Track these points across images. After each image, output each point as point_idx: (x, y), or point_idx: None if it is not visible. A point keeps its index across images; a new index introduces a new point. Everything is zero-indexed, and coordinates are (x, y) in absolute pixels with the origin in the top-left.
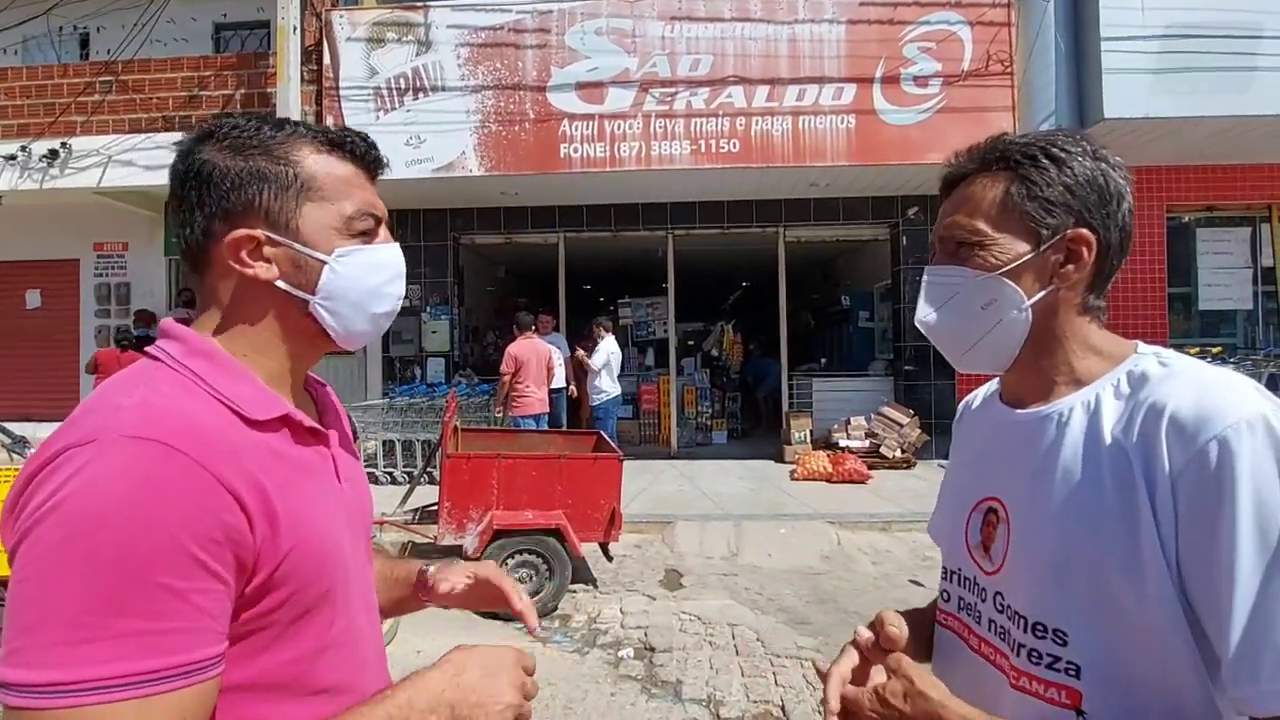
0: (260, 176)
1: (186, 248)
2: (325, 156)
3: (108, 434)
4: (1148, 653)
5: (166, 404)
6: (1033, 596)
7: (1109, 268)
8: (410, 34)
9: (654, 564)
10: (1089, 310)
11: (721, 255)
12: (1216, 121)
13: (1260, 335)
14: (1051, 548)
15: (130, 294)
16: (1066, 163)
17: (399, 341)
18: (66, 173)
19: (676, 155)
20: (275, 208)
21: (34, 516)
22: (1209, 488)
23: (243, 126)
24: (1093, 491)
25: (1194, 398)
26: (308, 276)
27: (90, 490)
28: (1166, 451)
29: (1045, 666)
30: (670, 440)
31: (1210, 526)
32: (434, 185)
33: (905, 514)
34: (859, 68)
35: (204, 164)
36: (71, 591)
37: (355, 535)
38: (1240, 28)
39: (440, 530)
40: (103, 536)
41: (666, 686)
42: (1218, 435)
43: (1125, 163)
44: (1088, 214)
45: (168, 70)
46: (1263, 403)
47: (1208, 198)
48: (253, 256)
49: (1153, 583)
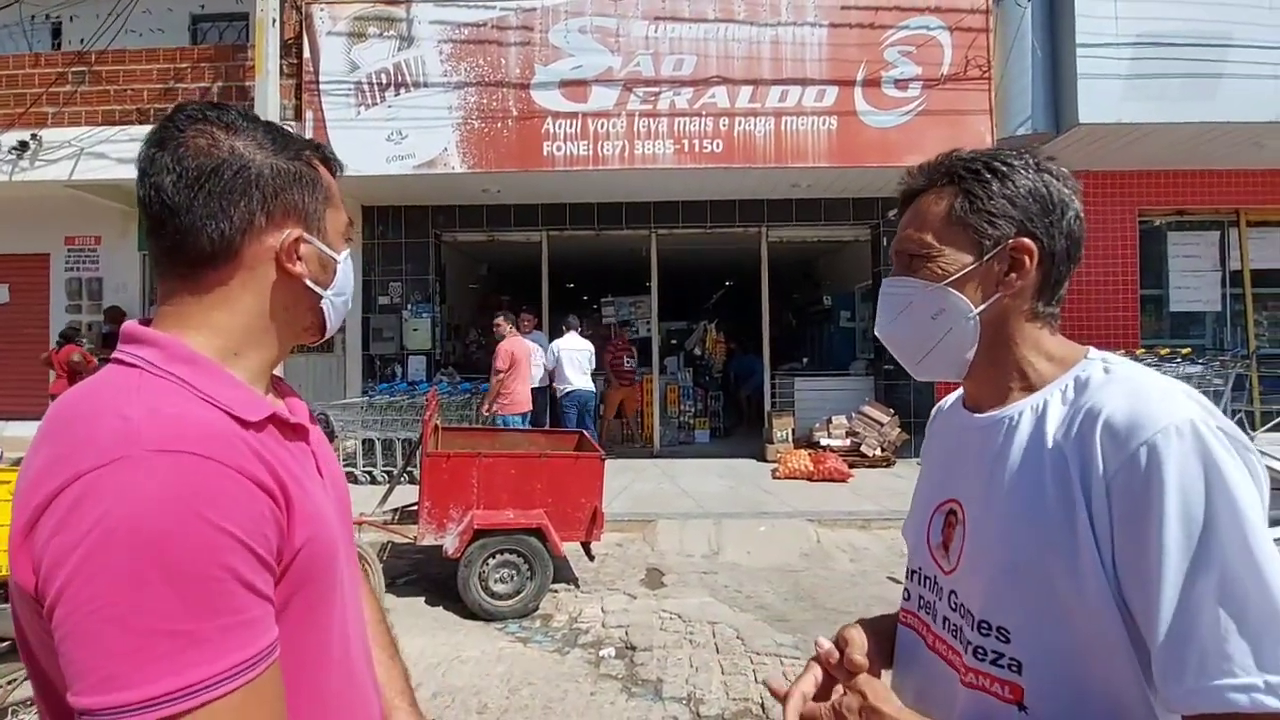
0: (302, 180)
1: (207, 240)
2: (324, 169)
3: (133, 450)
4: (1086, 651)
5: (177, 413)
6: (980, 595)
7: (1056, 275)
8: (392, 29)
9: (635, 563)
10: (1039, 317)
11: (704, 255)
12: (1186, 127)
13: (1228, 336)
14: (998, 548)
15: (102, 289)
16: (1009, 176)
17: (379, 339)
18: (37, 165)
19: (660, 154)
20: (312, 210)
21: (83, 545)
22: (1138, 491)
23: (278, 128)
24: (1036, 494)
25: (1127, 404)
26: (328, 275)
27: (142, 508)
28: (1101, 456)
29: (990, 663)
30: (653, 439)
31: (1140, 529)
32: (416, 181)
33: (884, 512)
34: (840, 70)
35: (249, 159)
36: (159, 607)
37: (344, 532)
38: (1209, 37)
39: (420, 530)
40: (172, 549)
41: (647, 685)
42: (1147, 440)
43: (1099, 167)
44: (1030, 224)
45: (143, 61)
46: (1192, 408)
47: (1178, 202)
48: (293, 255)
49: (1090, 583)
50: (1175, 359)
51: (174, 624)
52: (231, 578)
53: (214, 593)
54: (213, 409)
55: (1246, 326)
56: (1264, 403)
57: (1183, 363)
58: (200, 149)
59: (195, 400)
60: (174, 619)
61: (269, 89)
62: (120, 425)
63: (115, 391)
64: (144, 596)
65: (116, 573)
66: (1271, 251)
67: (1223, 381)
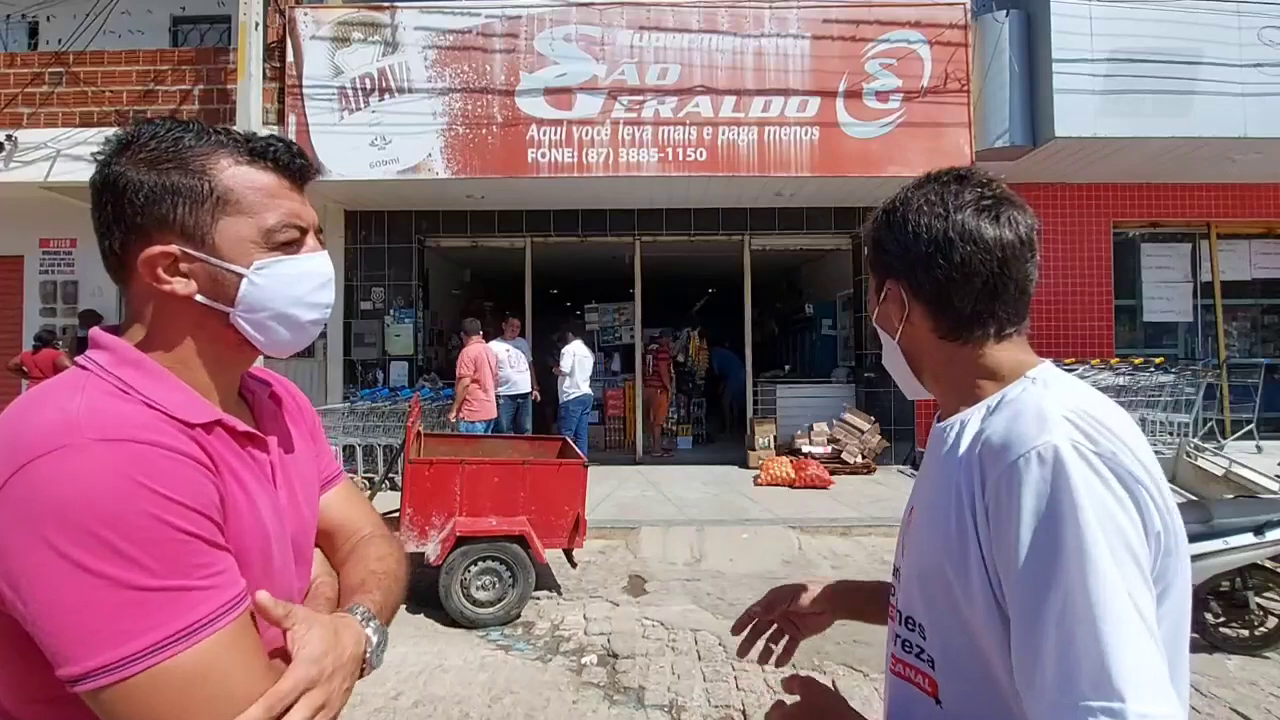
0: (174, 191)
1: (108, 261)
2: (245, 168)
3: (74, 439)
4: (978, 654)
5: (109, 407)
6: (908, 594)
7: (948, 306)
8: (376, 34)
9: (618, 570)
10: (961, 338)
11: (688, 262)
12: (1159, 142)
13: (1200, 346)
14: (916, 550)
15: (78, 292)
16: (890, 221)
17: (361, 344)
18: (12, 166)
19: (644, 162)
20: (190, 222)
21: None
22: (1004, 512)
23: (160, 136)
24: (942, 502)
25: (1005, 426)
26: (226, 290)
27: (92, 486)
28: (981, 473)
29: (914, 656)
30: (636, 446)
31: (1002, 549)
32: (399, 187)
33: (865, 519)
34: (822, 81)
35: (119, 177)
36: (137, 569)
37: (287, 542)
38: (1181, 54)
39: (402, 537)
40: (130, 518)
41: (629, 693)
42: (1011, 463)
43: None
44: (900, 265)
45: (122, 63)
46: (1064, 433)
47: (1152, 214)
48: (169, 272)
49: (977, 590)
50: (1149, 368)
51: (156, 581)
52: (193, 538)
53: (182, 552)
54: (149, 409)
55: (1217, 336)
56: (1233, 411)
57: (1156, 372)
58: (98, 170)
59: (132, 400)
60: (155, 577)
61: (251, 92)
62: (59, 417)
63: (60, 391)
64: (121, 562)
65: (86, 548)
66: (1240, 263)
67: (1194, 390)
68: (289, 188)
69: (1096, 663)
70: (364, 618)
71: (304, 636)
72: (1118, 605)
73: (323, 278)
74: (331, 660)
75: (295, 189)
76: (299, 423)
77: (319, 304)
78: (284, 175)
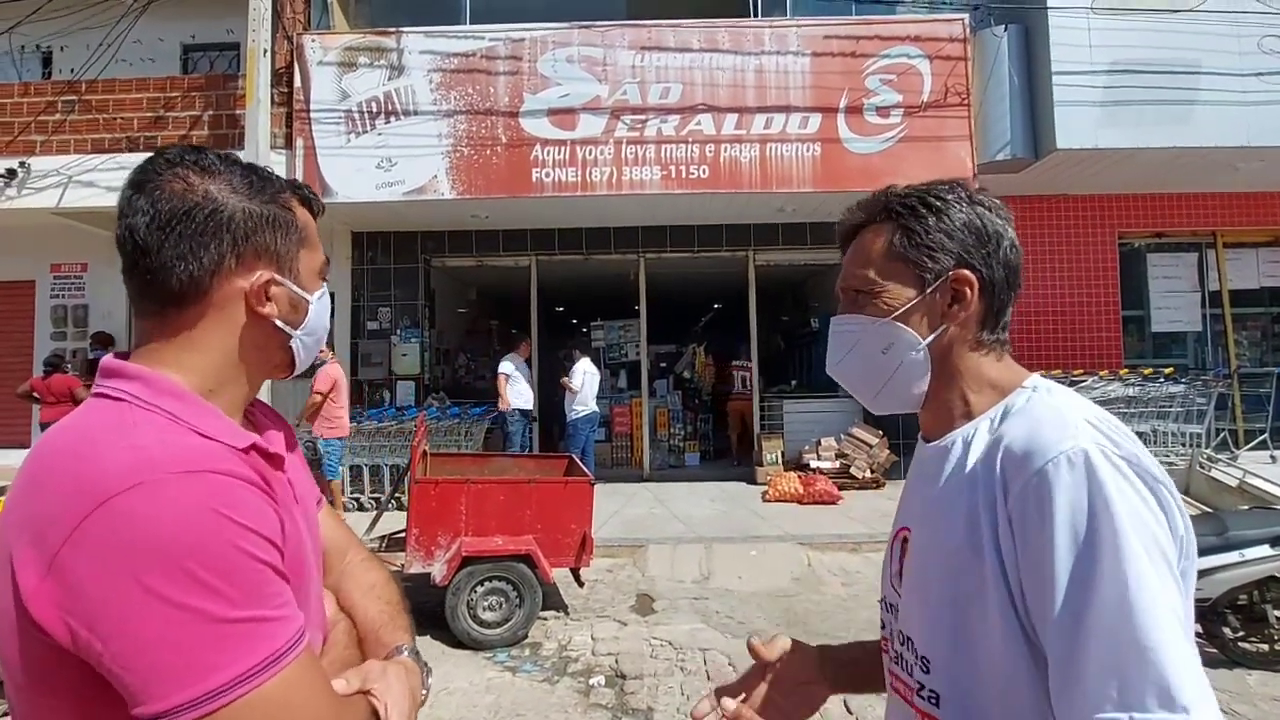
0: (275, 223)
1: (177, 280)
2: (303, 209)
3: (154, 474)
4: (996, 685)
5: (183, 441)
6: (911, 623)
7: (998, 303)
8: (382, 58)
9: (625, 588)
10: (984, 345)
11: (692, 278)
12: (1161, 152)
13: (1210, 356)
14: (921, 576)
15: (88, 316)
16: (944, 210)
17: (368, 364)
18: (24, 193)
19: (647, 180)
20: (284, 252)
21: (114, 564)
22: (1033, 520)
23: (256, 170)
24: (953, 523)
25: (1026, 433)
26: (297, 315)
27: (178, 520)
28: (1002, 486)
29: (916, 694)
30: (643, 462)
31: (1035, 559)
32: (405, 208)
33: (875, 534)
34: (823, 98)
35: (222, 203)
36: (220, 601)
37: (317, 561)
38: (1180, 64)
39: (408, 558)
40: (215, 550)
41: (638, 714)
42: (1039, 469)
43: (1078, 191)
44: (968, 255)
45: (133, 90)
46: (1090, 437)
47: (1157, 224)
48: (262, 297)
49: (996, 614)
50: (1158, 378)
51: (239, 612)
52: (266, 567)
53: (259, 582)
54: (208, 440)
55: (1227, 346)
56: (1246, 421)
57: (1166, 382)
58: (175, 192)
59: (190, 432)
60: (237, 608)
61: (260, 118)
62: (132, 454)
63: (112, 426)
64: (207, 595)
65: (174, 581)
66: (1248, 272)
67: (1206, 400)
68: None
69: (1151, 673)
70: (412, 654)
71: (386, 691)
72: (1161, 611)
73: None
74: (410, 704)
75: None
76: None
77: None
78: (314, 218)
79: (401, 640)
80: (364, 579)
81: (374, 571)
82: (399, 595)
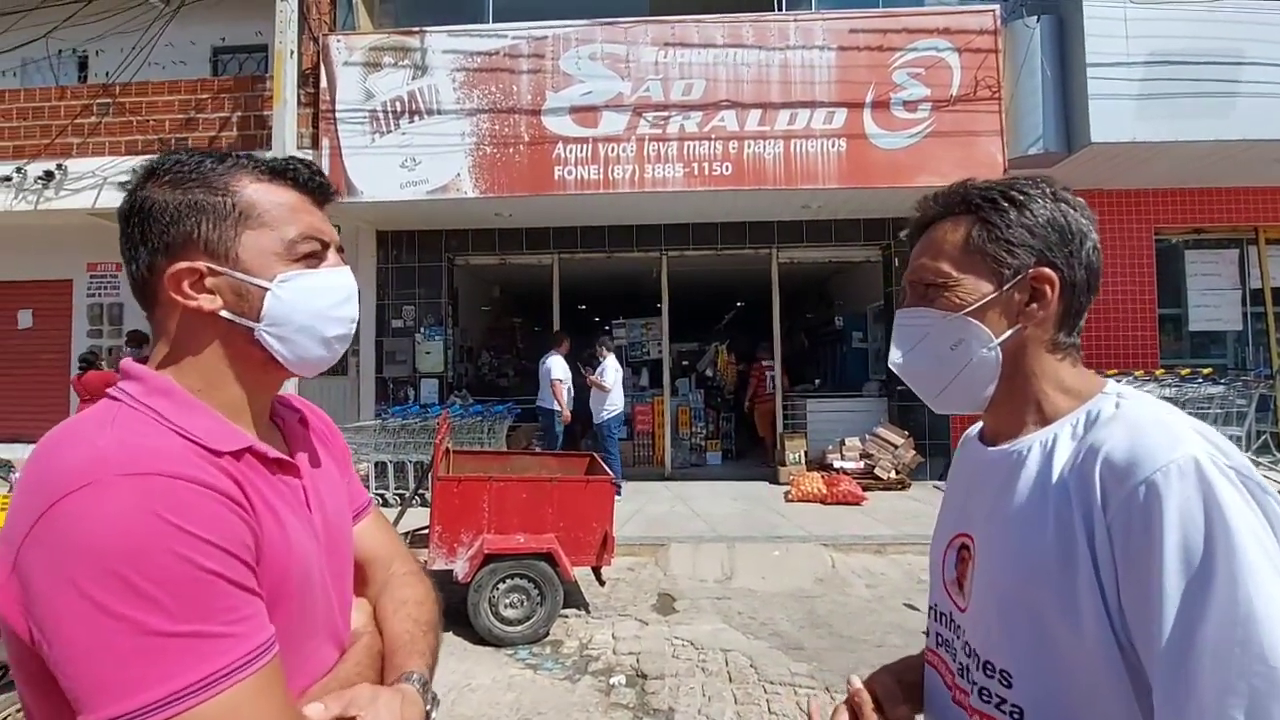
0: (198, 208)
1: (135, 284)
2: (266, 184)
3: (102, 475)
4: (1086, 699)
5: (142, 441)
6: (985, 635)
7: (1077, 305)
8: (406, 58)
9: (647, 587)
10: (1060, 348)
11: (715, 276)
12: (1200, 146)
13: (1250, 356)
14: (1000, 587)
15: (123, 314)
16: (1026, 205)
17: (393, 362)
18: (61, 194)
19: (670, 178)
20: (214, 238)
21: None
22: (1138, 532)
23: (184, 161)
24: (1037, 531)
25: (1128, 441)
26: (251, 304)
27: (117, 525)
28: (1101, 494)
29: (994, 707)
30: (664, 461)
31: (1141, 572)
32: (429, 206)
33: (900, 536)
34: (849, 93)
35: (145, 200)
36: (158, 613)
37: (326, 566)
38: (1221, 54)
39: (431, 554)
40: (155, 558)
41: (659, 715)
42: (1147, 479)
43: (1113, 186)
44: (1049, 253)
45: (165, 93)
46: (1198, 445)
47: (1195, 220)
48: (195, 288)
49: (1089, 626)
50: (1196, 379)
51: (176, 626)
52: (218, 579)
53: (205, 594)
54: (179, 438)
55: (1269, 346)
56: None
57: (1204, 383)
58: (126, 197)
59: (164, 430)
60: (175, 621)
61: (286, 118)
62: (89, 452)
63: (92, 424)
64: (142, 605)
65: (108, 588)
66: None
67: (1246, 402)
68: (309, 204)
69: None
70: (420, 684)
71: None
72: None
73: (345, 291)
74: None
75: (315, 206)
76: (330, 447)
77: (343, 318)
78: (304, 193)
79: (413, 666)
80: (399, 594)
81: (410, 588)
82: (431, 615)
